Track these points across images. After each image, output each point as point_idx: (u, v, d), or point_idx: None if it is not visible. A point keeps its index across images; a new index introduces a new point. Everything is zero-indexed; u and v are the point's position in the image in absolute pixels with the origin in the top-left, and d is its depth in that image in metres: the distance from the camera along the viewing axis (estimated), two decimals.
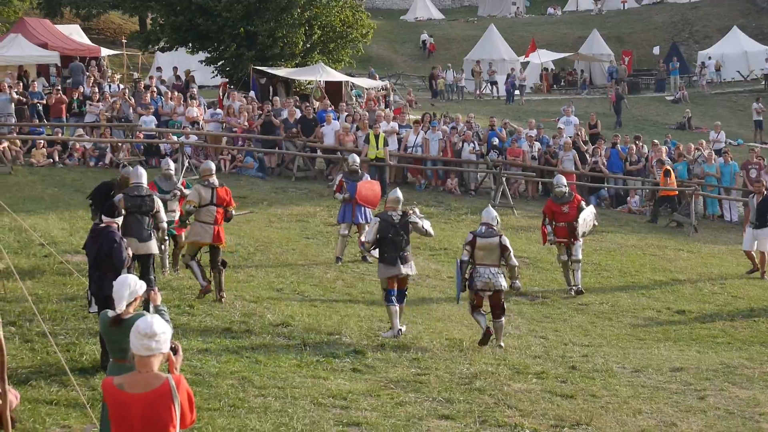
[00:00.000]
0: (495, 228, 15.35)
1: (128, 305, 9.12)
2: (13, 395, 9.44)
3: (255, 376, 12.60)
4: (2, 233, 19.27)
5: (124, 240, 12.86)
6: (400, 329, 15.18)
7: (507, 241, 15.32)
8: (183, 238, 17.73)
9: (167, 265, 18.25)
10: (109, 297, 12.29)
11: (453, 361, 14.06)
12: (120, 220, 13.09)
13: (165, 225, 16.18)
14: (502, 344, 15.15)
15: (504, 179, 28.62)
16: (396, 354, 14.18)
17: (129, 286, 9.14)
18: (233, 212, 17.21)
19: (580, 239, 19.73)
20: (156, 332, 7.06)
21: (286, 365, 13.19)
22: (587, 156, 30.92)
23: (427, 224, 16.03)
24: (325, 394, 12.08)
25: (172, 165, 18.69)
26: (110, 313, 9.23)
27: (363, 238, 16.58)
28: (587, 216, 19.72)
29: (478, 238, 15.15)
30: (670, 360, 15.06)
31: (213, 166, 17.25)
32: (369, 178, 21.98)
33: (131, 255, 13.20)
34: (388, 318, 15.45)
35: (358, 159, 21.87)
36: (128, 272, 12.65)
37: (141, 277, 14.67)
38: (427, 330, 15.85)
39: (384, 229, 15.43)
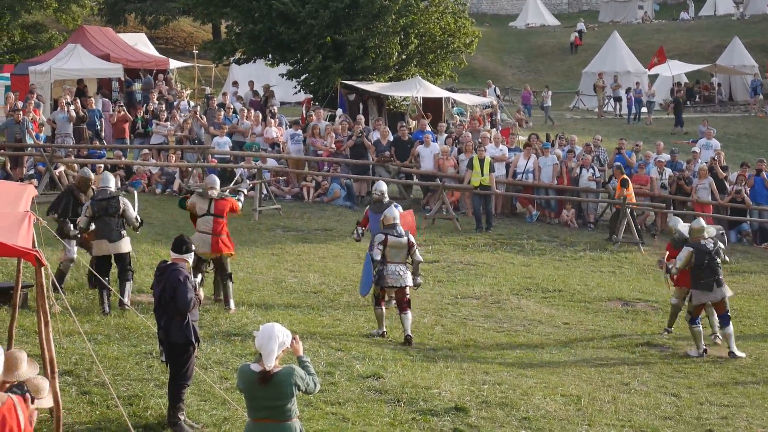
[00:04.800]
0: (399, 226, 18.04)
1: (276, 358, 9.38)
2: None
3: None
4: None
5: (193, 279, 12.97)
6: (705, 349, 18.49)
7: (413, 238, 18.16)
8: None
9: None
10: (176, 344, 12.53)
11: (570, 421, 13.96)
12: (191, 257, 13.24)
13: (136, 222, 18.48)
14: (411, 334, 17.56)
15: (629, 211, 28.36)
16: (503, 412, 14.11)
17: (277, 338, 9.41)
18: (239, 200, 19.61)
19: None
20: None
21: (377, 423, 13.20)
22: (726, 184, 30.55)
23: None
24: None
25: (217, 183, 19.46)
26: (254, 367, 9.45)
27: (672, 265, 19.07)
28: None
29: (390, 237, 17.73)
30: None
31: (217, 182, 19.31)
32: (400, 209, 20.02)
33: (201, 297, 13.37)
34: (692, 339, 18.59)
35: (384, 187, 20.90)
36: (194, 315, 12.80)
37: (119, 276, 17.73)
38: (539, 384, 15.74)
39: (699, 256, 18.45)
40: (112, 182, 18.84)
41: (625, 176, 28.92)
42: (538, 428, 13.54)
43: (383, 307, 17.97)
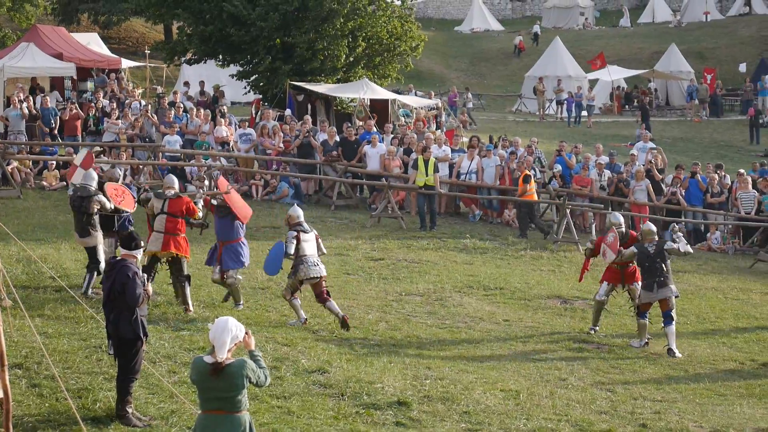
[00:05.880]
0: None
1: (228, 350, 9.39)
2: None
3: (286, 428, 12.62)
4: (9, 264, 19.39)
5: (141, 275, 12.93)
6: (648, 341, 19.15)
7: (316, 232, 19.14)
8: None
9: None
10: (124, 339, 12.49)
11: (508, 415, 14.02)
12: (139, 253, 13.21)
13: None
14: (344, 314, 18.11)
15: (568, 211, 28.51)
16: (444, 406, 14.16)
17: (230, 331, 9.46)
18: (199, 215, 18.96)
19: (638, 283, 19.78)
20: None
21: (321, 417, 13.21)
22: (663, 186, 30.80)
23: (683, 245, 19.52)
24: None
25: (176, 183, 19.32)
26: (207, 359, 9.48)
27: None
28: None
29: (302, 233, 18.48)
30: (755, 419, 14.93)
31: (175, 181, 19.24)
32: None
33: (150, 292, 13.31)
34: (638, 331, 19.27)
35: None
36: (143, 310, 12.76)
37: (87, 266, 18.47)
38: (480, 379, 15.81)
39: (641, 259, 19.17)
40: (94, 181, 19.24)
41: (528, 173, 29.26)
42: (478, 422, 13.60)
43: (297, 298, 18.41)
